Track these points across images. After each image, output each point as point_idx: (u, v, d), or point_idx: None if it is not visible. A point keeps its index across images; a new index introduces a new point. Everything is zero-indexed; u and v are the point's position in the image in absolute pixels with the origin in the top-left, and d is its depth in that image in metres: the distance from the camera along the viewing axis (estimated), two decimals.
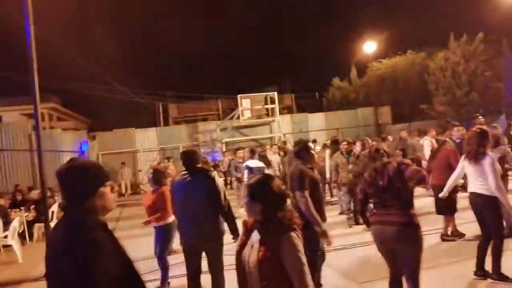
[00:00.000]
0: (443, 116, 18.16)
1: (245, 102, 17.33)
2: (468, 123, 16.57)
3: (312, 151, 4.05)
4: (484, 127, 4.96)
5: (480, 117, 10.89)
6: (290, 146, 16.94)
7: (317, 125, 20.74)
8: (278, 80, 30.97)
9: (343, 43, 41.27)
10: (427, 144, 9.49)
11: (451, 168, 5.25)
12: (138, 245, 6.01)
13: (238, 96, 17.26)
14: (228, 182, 13.76)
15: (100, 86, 22.87)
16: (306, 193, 3.68)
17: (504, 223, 4.58)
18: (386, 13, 36.43)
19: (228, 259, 3.22)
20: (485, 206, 4.22)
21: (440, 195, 4.93)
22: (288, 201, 2.35)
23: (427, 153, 9.39)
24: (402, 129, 16.37)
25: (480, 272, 4.30)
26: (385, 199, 3.32)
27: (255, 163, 7.63)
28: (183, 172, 3.92)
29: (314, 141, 9.19)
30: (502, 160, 5.86)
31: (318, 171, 4.63)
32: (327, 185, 9.52)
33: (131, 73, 32.66)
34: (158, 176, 4.94)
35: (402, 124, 20.69)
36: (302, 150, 4.00)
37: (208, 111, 26.77)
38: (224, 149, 17.50)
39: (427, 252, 5.03)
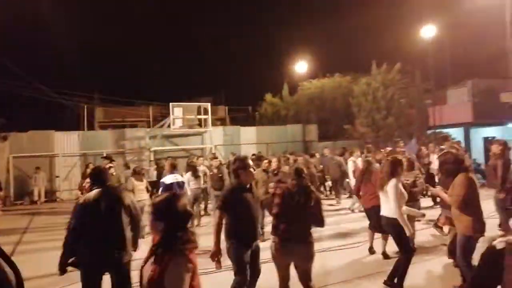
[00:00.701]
0: (363, 136, 19.54)
1: (177, 111, 17.03)
2: (387, 145, 18.05)
3: (250, 169, 3.95)
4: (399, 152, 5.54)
5: (401, 142, 12.01)
6: (220, 158, 17.02)
7: (249, 138, 21.10)
8: (213, 91, 31.04)
9: (278, 61, 42.80)
10: (350, 164, 10.19)
11: None
12: (45, 260, 5.53)
13: (170, 104, 16.91)
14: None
15: (16, 82, 20.79)
16: (217, 212, 3.89)
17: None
18: (318, 37, 38.60)
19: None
20: (390, 227, 4.70)
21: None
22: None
23: (350, 172, 10.10)
24: (327, 146, 17.36)
25: (389, 283, 4.68)
26: (294, 217, 3.65)
27: (173, 178, 7.35)
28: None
29: (259, 158, 9.17)
30: (414, 183, 6.42)
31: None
32: None
33: (55, 71, 30.36)
34: None
35: (328, 142, 21.93)
36: (239, 168, 3.92)
37: (138, 117, 25.79)
38: (151, 158, 16.98)
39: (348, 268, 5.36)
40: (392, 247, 5.59)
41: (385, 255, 5.98)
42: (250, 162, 4.05)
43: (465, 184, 4.10)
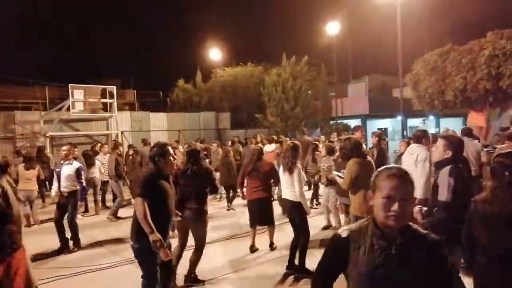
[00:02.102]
0: (273, 125, 20.23)
1: (77, 93, 15.63)
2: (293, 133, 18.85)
3: (170, 157, 3.64)
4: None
5: (305, 133, 12.63)
6: (126, 146, 16.16)
7: (159, 125, 20.41)
8: (122, 74, 29.24)
9: (192, 46, 41.90)
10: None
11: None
12: None
13: (70, 85, 15.47)
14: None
15: None
16: (139, 200, 3.37)
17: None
18: (232, 25, 38.63)
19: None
20: (293, 210, 4.94)
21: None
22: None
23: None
24: (239, 135, 17.61)
25: (290, 267, 4.85)
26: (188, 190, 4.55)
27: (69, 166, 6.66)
28: None
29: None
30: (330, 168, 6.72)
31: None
32: None
33: None
34: None
35: (240, 130, 22.26)
36: (158, 155, 3.59)
37: (33, 99, 23.15)
38: (47, 145, 15.43)
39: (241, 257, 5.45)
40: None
41: (272, 247, 5.85)
42: (170, 150, 3.72)
43: (354, 167, 4.27)
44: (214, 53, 29.17)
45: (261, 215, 5.69)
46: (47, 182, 11.22)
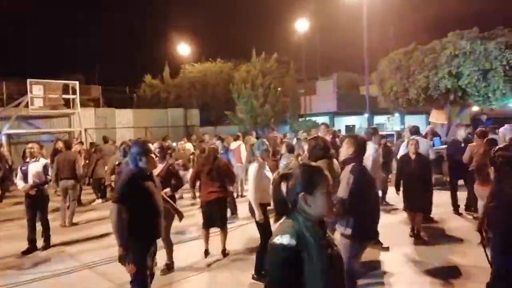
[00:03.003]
0: (242, 122, 20.14)
1: (36, 89, 14.90)
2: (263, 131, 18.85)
3: (151, 155, 3.46)
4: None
5: (275, 130, 12.68)
6: (89, 144, 15.58)
7: (125, 122, 19.84)
8: (86, 69, 28.23)
9: (160, 41, 41.04)
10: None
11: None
12: None
13: (28, 80, 14.72)
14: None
15: None
16: (114, 207, 3.21)
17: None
18: (203, 20, 38.14)
19: None
20: (252, 212, 4.72)
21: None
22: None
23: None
24: (209, 132, 17.37)
25: (257, 275, 4.58)
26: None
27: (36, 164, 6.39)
28: None
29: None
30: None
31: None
32: None
33: None
34: None
35: (209, 127, 22.02)
36: (138, 153, 3.40)
37: None
38: (3, 142, 14.61)
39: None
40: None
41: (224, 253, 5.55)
42: (151, 147, 3.54)
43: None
44: (183, 49, 28.73)
45: (219, 216, 5.44)
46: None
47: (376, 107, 17.23)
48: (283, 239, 1.58)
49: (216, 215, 5.43)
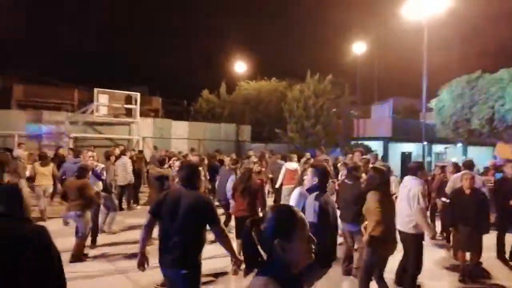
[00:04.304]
0: (292, 141, 20.10)
1: (102, 98, 16.10)
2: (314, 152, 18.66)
3: (201, 177, 3.80)
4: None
5: (324, 152, 12.38)
6: (148, 153, 16.43)
7: (180, 133, 20.66)
8: (150, 82, 30.01)
9: (219, 58, 42.59)
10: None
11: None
12: None
13: (95, 89, 15.95)
14: None
15: None
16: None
17: None
18: (260, 39, 39.06)
19: None
20: None
21: None
22: None
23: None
24: (260, 148, 17.54)
25: None
26: None
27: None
28: None
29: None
30: None
31: None
32: None
33: None
34: None
35: (260, 143, 22.24)
36: (190, 176, 3.53)
37: (62, 100, 24.00)
38: (71, 145, 15.87)
39: None
40: None
41: None
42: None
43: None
44: (240, 66, 29.53)
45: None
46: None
47: (435, 135, 16.38)
48: None
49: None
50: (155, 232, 3.67)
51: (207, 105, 26.64)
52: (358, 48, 20.74)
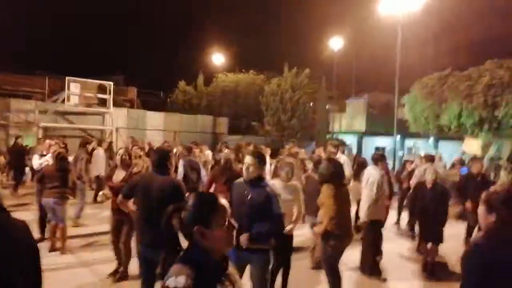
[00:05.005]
0: (268, 134, 20.18)
1: (73, 86, 15.68)
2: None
3: (169, 164, 3.78)
4: None
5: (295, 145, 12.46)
6: (120, 143, 16.13)
7: (156, 124, 20.36)
8: (126, 71, 29.37)
9: (197, 49, 42.08)
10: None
11: None
12: None
13: (66, 78, 15.52)
14: None
15: None
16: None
17: None
18: (238, 32, 38.82)
19: None
20: None
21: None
22: None
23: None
24: (236, 140, 17.49)
25: None
26: None
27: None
28: None
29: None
30: None
31: None
32: None
33: None
34: None
35: (237, 136, 22.18)
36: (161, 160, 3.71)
37: (33, 88, 23.21)
38: (40, 135, 15.40)
39: None
40: None
41: None
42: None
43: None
44: (218, 58, 29.30)
45: None
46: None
47: (407, 130, 16.75)
48: (178, 280, 1.38)
49: None
50: None
51: (183, 96, 26.35)
52: (335, 43, 20.92)
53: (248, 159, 3.40)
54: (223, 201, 1.57)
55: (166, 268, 1.49)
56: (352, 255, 4.53)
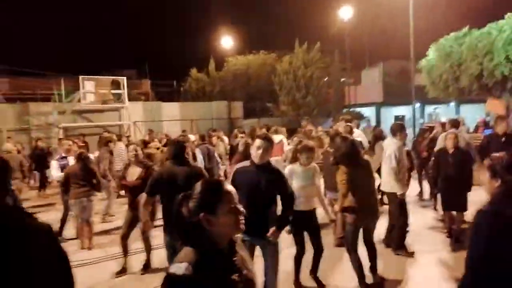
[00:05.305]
0: (284, 114, 19.98)
1: (88, 85, 15.87)
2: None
3: (186, 155, 3.94)
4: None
5: (309, 122, 12.27)
6: (138, 136, 16.33)
7: (171, 114, 20.48)
8: (138, 64, 29.53)
9: (205, 34, 41.72)
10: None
11: None
12: None
13: (80, 77, 15.71)
14: None
15: None
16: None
17: None
18: (246, 12, 38.16)
19: None
20: None
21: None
22: None
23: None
24: (252, 123, 17.41)
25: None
26: None
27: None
28: None
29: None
30: None
31: None
32: None
33: None
34: None
35: (253, 119, 22.10)
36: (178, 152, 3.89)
37: (50, 90, 23.64)
38: (61, 135, 15.74)
39: None
40: None
41: None
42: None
43: None
44: (227, 41, 28.95)
45: None
46: None
47: (426, 96, 16.24)
48: (179, 268, 1.40)
49: None
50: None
51: (196, 84, 26.31)
52: (345, 13, 20.25)
53: (258, 142, 3.32)
54: (229, 187, 1.57)
55: None
56: (378, 229, 4.46)
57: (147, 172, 4.84)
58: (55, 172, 6.57)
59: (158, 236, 4.61)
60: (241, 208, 1.54)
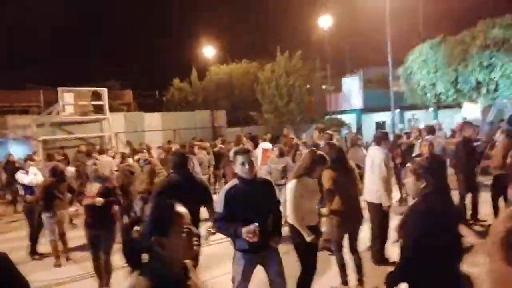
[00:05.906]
0: (267, 122, 20.05)
1: (68, 96, 15.62)
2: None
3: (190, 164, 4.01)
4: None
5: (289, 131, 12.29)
6: (120, 147, 16.10)
7: (154, 125, 20.31)
8: (120, 76, 29.25)
9: (186, 44, 41.67)
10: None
11: None
12: None
13: (59, 89, 15.46)
14: None
15: None
16: None
17: None
18: (226, 21, 38.38)
19: None
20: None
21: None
22: None
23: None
24: (236, 132, 17.40)
25: None
26: None
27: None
28: None
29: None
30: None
31: None
32: None
33: None
34: None
35: (236, 128, 22.09)
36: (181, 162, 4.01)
37: (28, 103, 23.24)
38: (40, 149, 15.39)
39: None
40: None
41: None
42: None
43: None
44: (208, 51, 29.02)
45: None
46: None
47: (405, 103, 16.58)
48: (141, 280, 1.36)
49: None
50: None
51: (179, 94, 26.21)
52: (325, 21, 20.58)
53: (240, 159, 3.19)
54: (181, 208, 1.52)
55: None
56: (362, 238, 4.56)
57: (105, 188, 4.69)
58: (22, 176, 6.56)
59: None
60: (194, 229, 1.50)
